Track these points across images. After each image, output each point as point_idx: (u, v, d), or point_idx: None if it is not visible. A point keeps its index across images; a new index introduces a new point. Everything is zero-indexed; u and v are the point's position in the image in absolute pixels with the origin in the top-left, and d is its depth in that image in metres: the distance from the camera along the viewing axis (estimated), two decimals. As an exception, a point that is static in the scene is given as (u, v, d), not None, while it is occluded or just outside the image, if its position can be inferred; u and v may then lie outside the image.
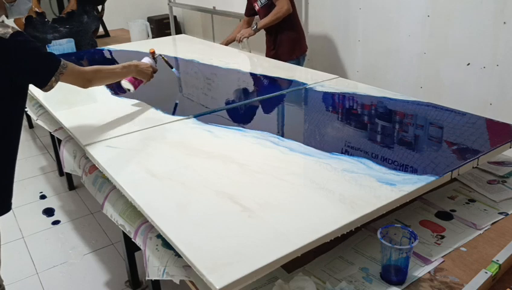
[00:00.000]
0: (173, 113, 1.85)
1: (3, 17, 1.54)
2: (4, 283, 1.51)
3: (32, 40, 1.44)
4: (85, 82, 1.62)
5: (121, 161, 1.46)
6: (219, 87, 2.23)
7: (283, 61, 2.66)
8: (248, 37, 2.95)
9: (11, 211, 1.58)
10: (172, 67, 2.24)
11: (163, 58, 2.18)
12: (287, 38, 2.95)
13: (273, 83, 2.27)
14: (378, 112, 1.84)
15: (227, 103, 1.97)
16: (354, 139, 1.59)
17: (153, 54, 2.08)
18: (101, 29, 3.96)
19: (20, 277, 2.18)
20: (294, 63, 2.76)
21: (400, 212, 1.33)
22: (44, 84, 1.48)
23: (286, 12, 2.85)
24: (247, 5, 3.14)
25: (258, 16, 3.12)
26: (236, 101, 1.99)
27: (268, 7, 2.89)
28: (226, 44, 3.16)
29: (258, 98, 2.02)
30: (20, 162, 3.44)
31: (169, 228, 1.10)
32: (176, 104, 2.04)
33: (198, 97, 2.10)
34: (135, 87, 1.94)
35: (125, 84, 1.92)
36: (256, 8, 3.01)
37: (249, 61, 2.72)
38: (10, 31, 1.35)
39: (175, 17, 5.26)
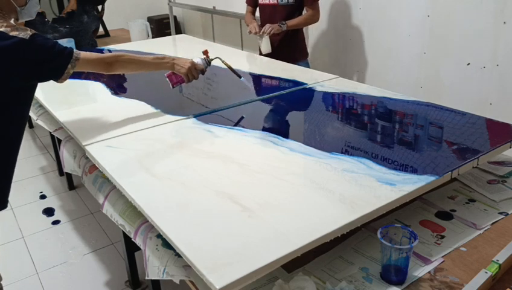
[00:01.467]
0: (235, 125, 1.72)
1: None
2: (3, 282, 1.51)
3: (49, 38, 1.49)
4: (106, 66, 1.61)
5: (121, 161, 1.46)
6: (219, 87, 2.23)
7: (293, 63, 2.57)
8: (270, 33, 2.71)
9: (11, 211, 1.57)
10: (240, 77, 2.02)
11: (224, 63, 1.98)
12: (297, 40, 2.83)
13: (273, 83, 2.27)
14: (378, 112, 1.84)
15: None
16: (354, 139, 1.59)
17: (206, 55, 1.91)
18: (101, 29, 3.96)
19: (20, 277, 2.18)
20: (303, 65, 2.67)
21: (400, 212, 1.33)
22: (60, 76, 1.51)
23: (315, 22, 2.82)
24: None
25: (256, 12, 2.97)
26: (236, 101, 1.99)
27: (291, 8, 2.74)
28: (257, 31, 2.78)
29: (258, 98, 2.02)
30: (20, 162, 3.42)
31: (169, 228, 1.10)
32: (242, 117, 1.82)
33: (198, 97, 2.10)
34: (172, 84, 1.85)
35: (167, 78, 1.84)
36: (267, 1, 2.78)
37: (249, 61, 2.72)
38: (29, 32, 1.38)
39: (175, 17, 5.26)
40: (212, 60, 1.92)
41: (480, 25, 2.50)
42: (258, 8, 2.94)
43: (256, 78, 2.38)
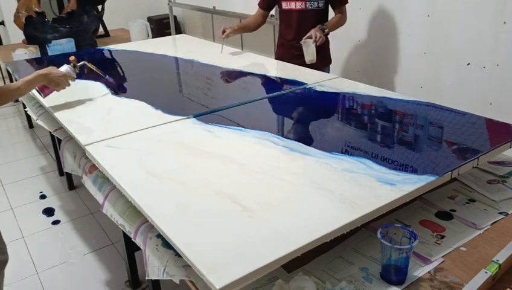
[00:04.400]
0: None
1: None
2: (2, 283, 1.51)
3: None
4: None
5: (121, 161, 1.46)
6: (219, 87, 2.23)
7: (316, 69, 2.42)
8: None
9: (11, 211, 1.57)
10: (105, 75, 2.26)
11: (90, 66, 2.16)
12: (324, 45, 2.59)
13: (273, 82, 2.27)
14: (378, 112, 1.84)
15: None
16: (354, 139, 1.59)
17: (73, 62, 2.04)
18: (101, 29, 3.96)
19: (20, 277, 2.18)
20: (327, 72, 2.61)
21: (400, 212, 1.33)
22: None
23: (343, 24, 2.67)
24: None
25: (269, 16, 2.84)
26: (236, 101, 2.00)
27: (320, 12, 2.58)
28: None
29: (258, 98, 2.02)
30: (20, 162, 3.44)
31: (169, 228, 1.10)
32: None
33: (198, 97, 2.10)
34: (45, 95, 1.96)
35: (39, 90, 1.95)
36: (292, 6, 2.58)
37: (249, 61, 2.72)
38: None
39: (175, 17, 5.26)
40: (79, 65, 2.07)
41: (480, 25, 2.50)
42: (279, 13, 2.73)
43: (257, 78, 2.38)
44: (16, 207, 2.78)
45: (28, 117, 3.97)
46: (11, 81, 4.30)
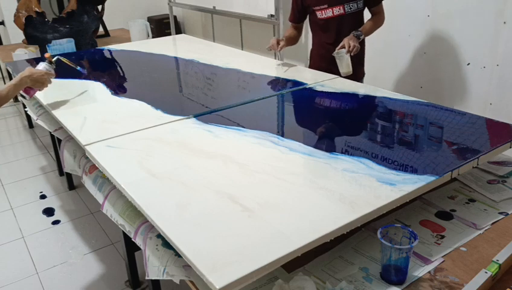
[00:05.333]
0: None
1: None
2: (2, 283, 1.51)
3: None
4: None
5: (121, 161, 1.46)
6: (219, 87, 2.23)
7: (357, 77, 2.25)
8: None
9: (11, 211, 1.58)
10: (77, 66, 2.27)
11: (63, 60, 2.20)
12: (360, 52, 2.37)
13: (273, 82, 2.27)
14: (378, 112, 1.84)
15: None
16: (354, 139, 1.59)
17: (49, 59, 2.07)
18: (101, 29, 3.96)
19: (20, 277, 2.18)
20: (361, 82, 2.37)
21: (400, 212, 1.33)
22: None
23: (381, 25, 2.41)
24: (293, 10, 2.50)
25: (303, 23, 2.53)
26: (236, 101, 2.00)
27: (359, 14, 2.36)
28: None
29: (258, 98, 2.02)
30: (20, 162, 3.44)
31: (169, 228, 1.10)
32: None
33: (198, 97, 2.10)
34: (30, 96, 1.98)
35: (23, 93, 1.97)
36: (329, 13, 2.34)
37: (249, 61, 2.72)
38: None
39: (175, 17, 5.26)
40: (54, 61, 2.10)
41: (480, 25, 2.51)
42: (310, 23, 2.49)
43: (257, 78, 2.38)
44: (16, 207, 2.78)
45: (28, 117, 3.97)
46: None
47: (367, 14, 2.43)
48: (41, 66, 2.02)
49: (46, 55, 2.10)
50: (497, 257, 1.09)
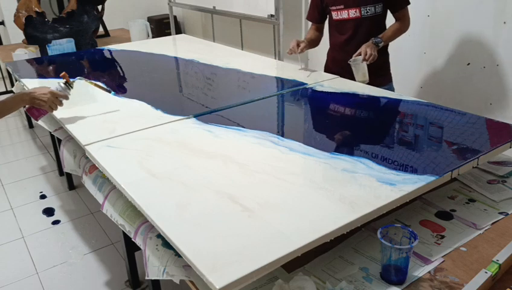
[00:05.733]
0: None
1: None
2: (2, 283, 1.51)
3: None
4: None
5: (121, 161, 1.46)
6: (219, 87, 2.23)
7: (375, 85, 2.08)
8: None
9: (11, 211, 1.57)
10: (110, 92, 1.96)
11: (88, 82, 1.92)
12: (383, 59, 2.29)
13: (273, 82, 2.27)
14: (378, 112, 1.84)
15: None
16: (354, 139, 1.59)
17: (66, 79, 1.82)
18: (101, 29, 3.96)
19: (20, 277, 2.18)
20: (387, 88, 2.19)
21: (400, 212, 1.33)
22: None
23: (407, 29, 2.26)
24: (313, 9, 2.40)
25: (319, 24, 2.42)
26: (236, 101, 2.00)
27: (378, 19, 2.22)
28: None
29: (258, 98, 2.02)
30: (20, 162, 3.44)
31: (169, 228, 1.10)
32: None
33: (198, 97, 2.10)
34: (35, 118, 1.84)
35: (28, 113, 1.81)
36: (345, 15, 2.23)
37: (249, 61, 2.72)
38: None
39: (175, 17, 5.26)
40: (73, 82, 1.85)
41: (480, 25, 2.51)
42: (329, 24, 2.39)
43: (256, 78, 2.38)
44: (16, 207, 2.78)
45: (28, 117, 3.97)
46: (11, 81, 4.29)
47: (390, 19, 2.29)
48: (55, 86, 1.80)
49: (62, 74, 1.82)
50: (497, 257, 1.09)
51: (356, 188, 1.23)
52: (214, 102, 2.03)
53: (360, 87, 2.10)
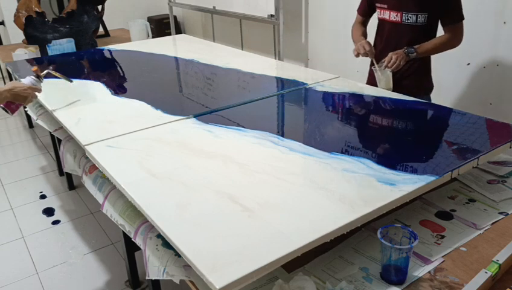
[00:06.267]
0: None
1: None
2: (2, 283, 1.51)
3: None
4: None
5: (121, 161, 1.46)
6: (219, 87, 2.23)
7: (409, 95, 1.95)
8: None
9: (11, 211, 1.57)
10: (71, 81, 2.14)
11: (54, 74, 2.06)
12: (423, 70, 2.14)
13: (273, 82, 2.27)
14: (378, 112, 1.84)
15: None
16: (354, 139, 1.59)
17: (37, 73, 1.96)
18: (101, 29, 3.96)
19: (20, 277, 2.18)
20: (424, 99, 1.99)
21: (400, 212, 1.33)
22: None
23: (455, 46, 2.05)
24: (363, 2, 2.29)
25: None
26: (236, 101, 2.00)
27: (419, 29, 2.02)
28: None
29: (258, 98, 2.02)
30: (20, 162, 3.44)
31: (169, 228, 1.10)
32: None
33: (198, 97, 2.10)
34: (12, 112, 1.90)
35: (5, 108, 1.88)
36: (386, 16, 2.11)
37: (249, 61, 2.72)
38: None
39: (175, 17, 5.26)
40: (43, 75, 1.99)
41: (480, 25, 2.50)
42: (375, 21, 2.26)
43: (257, 78, 2.38)
44: (16, 207, 2.78)
45: (28, 117, 3.97)
46: (11, 81, 4.29)
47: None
48: (27, 80, 1.92)
49: (34, 68, 1.98)
50: (497, 257, 1.09)
51: (356, 188, 1.23)
52: (214, 102, 2.03)
53: (360, 87, 2.10)
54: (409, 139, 1.56)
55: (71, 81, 2.14)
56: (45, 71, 2.02)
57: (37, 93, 1.92)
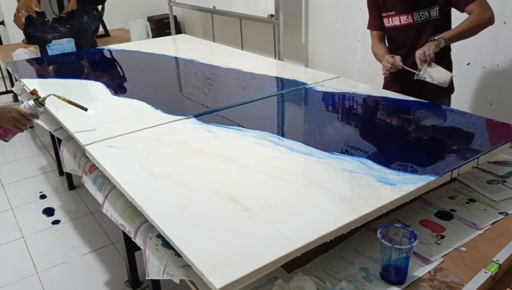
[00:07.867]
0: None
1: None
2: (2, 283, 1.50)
3: None
4: None
5: (121, 161, 1.46)
6: (219, 87, 2.23)
7: (428, 100, 1.86)
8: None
9: (11, 211, 1.57)
10: (86, 109, 1.77)
11: (60, 98, 1.73)
12: (445, 65, 1.97)
13: (273, 82, 2.27)
14: (378, 112, 1.84)
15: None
16: (354, 139, 1.59)
17: (36, 95, 1.72)
18: (101, 29, 3.96)
19: (20, 277, 2.18)
20: (444, 103, 1.98)
21: (400, 212, 1.33)
22: None
23: (489, 21, 1.87)
24: (373, 13, 2.14)
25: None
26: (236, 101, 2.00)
27: (433, 24, 1.95)
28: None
29: (258, 98, 2.02)
30: (20, 162, 3.44)
31: (169, 228, 1.10)
32: None
33: (198, 97, 2.10)
34: (4, 139, 1.75)
35: None
36: (396, 22, 2.02)
37: (249, 61, 2.72)
38: None
39: (175, 17, 5.26)
40: (44, 99, 1.72)
41: (480, 25, 2.50)
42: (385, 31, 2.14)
43: (257, 78, 2.38)
44: (16, 207, 2.78)
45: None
46: (11, 81, 4.30)
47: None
48: (23, 104, 1.71)
49: (34, 91, 1.74)
50: (497, 257, 1.09)
51: (356, 188, 1.23)
52: (214, 102, 2.03)
53: (360, 87, 2.10)
54: (409, 139, 1.56)
55: (86, 110, 1.78)
56: (47, 95, 1.73)
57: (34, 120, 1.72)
